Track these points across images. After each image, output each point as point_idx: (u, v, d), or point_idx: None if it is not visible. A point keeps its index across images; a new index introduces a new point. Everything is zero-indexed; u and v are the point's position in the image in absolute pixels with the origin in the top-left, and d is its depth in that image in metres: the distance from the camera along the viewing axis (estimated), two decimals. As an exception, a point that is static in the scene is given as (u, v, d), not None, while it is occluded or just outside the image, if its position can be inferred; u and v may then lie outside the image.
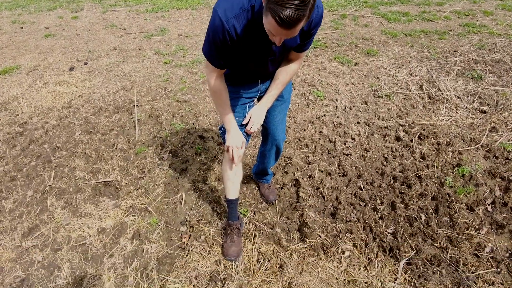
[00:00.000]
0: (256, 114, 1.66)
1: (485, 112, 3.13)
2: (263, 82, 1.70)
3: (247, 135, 1.74)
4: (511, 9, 5.70)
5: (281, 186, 2.38)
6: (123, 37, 5.25)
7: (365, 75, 3.75)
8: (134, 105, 3.35)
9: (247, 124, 1.69)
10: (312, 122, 3.02)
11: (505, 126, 2.91)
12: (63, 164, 2.65)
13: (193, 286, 1.75)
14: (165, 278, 1.79)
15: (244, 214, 2.15)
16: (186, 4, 6.72)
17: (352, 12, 5.89)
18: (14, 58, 4.67)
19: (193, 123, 3.08)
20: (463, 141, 2.75)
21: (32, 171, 2.59)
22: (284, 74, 1.60)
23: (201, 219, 2.13)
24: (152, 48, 4.71)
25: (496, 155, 2.58)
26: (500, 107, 3.17)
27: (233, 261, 1.87)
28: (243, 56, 1.43)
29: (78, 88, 3.79)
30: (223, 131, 1.69)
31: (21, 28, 5.92)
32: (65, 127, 3.12)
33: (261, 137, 2.08)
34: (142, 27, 5.64)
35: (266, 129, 1.91)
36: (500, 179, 2.35)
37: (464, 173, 2.40)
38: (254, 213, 2.16)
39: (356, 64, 4.00)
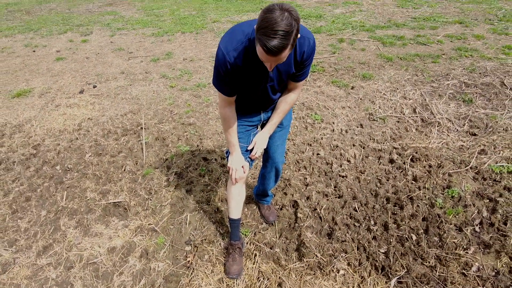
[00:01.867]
0: (260, 140, 1.86)
1: (475, 134, 3.29)
2: (265, 112, 1.88)
3: (251, 160, 1.91)
4: (501, 33, 5.93)
5: (280, 207, 2.52)
6: (130, 60, 5.50)
7: (361, 99, 3.94)
8: (141, 128, 3.54)
9: (252, 149, 1.88)
10: (310, 145, 3.19)
11: (494, 149, 3.06)
12: (75, 185, 2.81)
13: (198, 302, 1.87)
14: (171, 295, 1.91)
15: (245, 235, 2.28)
16: (191, 28, 7.02)
17: (349, 36, 6.14)
18: (27, 81, 4.90)
19: (197, 145, 3.25)
20: (454, 163, 2.89)
21: (45, 192, 2.75)
22: (284, 103, 1.80)
23: (205, 239, 2.26)
24: (158, 72, 4.94)
25: (485, 177, 2.73)
26: (489, 129, 3.33)
27: (235, 279, 2.00)
28: (246, 83, 1.61)
29: (88, 111, 3.99)
30: (228, 154, 1.87)
31: (34, 51, 6.20)
32: (76, 149, 3.29)
33: (261, 160, 2.25)
34: (149, 51, 5.90)
35: (267, 153, 2.08)
36: (487, 200, 2.49)
37: (454, 194, 2.54)
38: (255, 234, 2.30)
39: (352, 87, 4.20)
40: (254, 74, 1.55)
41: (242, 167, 1.83)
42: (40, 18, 8.61)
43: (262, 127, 1.99)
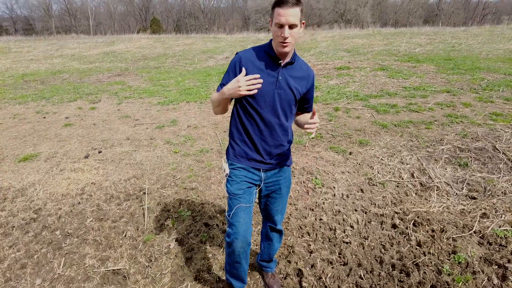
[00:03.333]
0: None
1: (474, 198, 3.32)
2: (265, 170, 1.93)
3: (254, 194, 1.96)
4: (487, 101, 6.31)
5: (284, 276, 2.45)
6: (136, 127, 5.73)
7: (359, 164, 4.05)
8: (144, 192, 3.57)
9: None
10: (312, 210, 3.20)
11: (495, 212, 3.07)
12: (73, 251, 2.75)
13: None
14: None
15: (248, 305, 2.19)
16: (195, 98, 7.44)
17: (344, 105, 6.51)
18: (34, 146, 5.05)
19: (199, 210, 3.25)
20: (456, 227, 2.88)
21: (42, 258, 2.68)
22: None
23: (206, 310, 2.16)
24: (162, 138, 5.13)
25: (490, 241, 2.70)
26: (488, 193, 3.38)
27: None
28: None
29: (92, 176, 4.05)
30: (228, 215, 1.86)
31: (44, 117, 6.48)
32: (78, 213, 3.28)
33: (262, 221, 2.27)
34: (154, 118, 6.18)
35: (268, 214, 2.12)
36: (496, 266, 2.44)
37: (460, 260, 2.49)
38: (258, 304, 2.20)
39: (350, 153, 4.34)
40: (263, 73, 1.74)
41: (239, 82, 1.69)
42: (53, 87, 9.16)
43: (260, 194, 2.03)
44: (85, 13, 54.28)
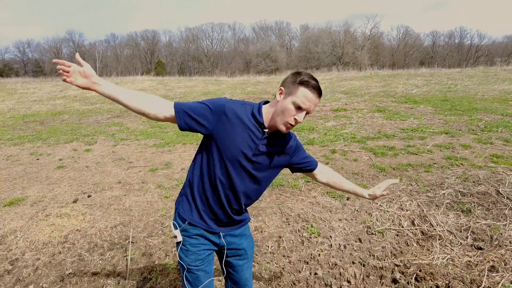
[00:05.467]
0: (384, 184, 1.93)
1: (481, 248, 3.11)
2: (225, 236, 1.72)
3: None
4: (486, 142, 6.22)
5: None
6: (128, 170, 5.62)
7: (357, 210, 3.87)
8: (129, 241, 3.38)
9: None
10: (307, 263, 2.98)
11: (505, 265, 2.85)
12: (45, 310, 2.52)
13: None
14: None
15: None
16: (192, 140, 7.41)
17: (341, 147, 6.43)
18: (23, 189, 4.91)
19: (186, 262, 3.04)
20: (463, 283, 2.65)
21: (10, 319, 2.45)
22: (332, 173, 1.93)
23: None
24: (154, 182, 4.99)
25: (501, 301, 2.46)
26: (495, 242, 3.17)
27: None
28: (232, 139, 1.53)
29: (78, 222, 3.87)
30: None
31: (37, 159, 6.40)
32: (57, 264, 3.07)
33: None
34: (148, 161, 6.09)
35: (236, 284, 1.89)
36: (510, 331, 2.19)
37: (470, 324, 2.25)
38: None
39: (348, 198, 4.17)
40: (244, 133, 1.54)
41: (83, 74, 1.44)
42: (51, 128, 9.19)
43: (219, 257, 1.84)
44: (93, 56, 56.62)
